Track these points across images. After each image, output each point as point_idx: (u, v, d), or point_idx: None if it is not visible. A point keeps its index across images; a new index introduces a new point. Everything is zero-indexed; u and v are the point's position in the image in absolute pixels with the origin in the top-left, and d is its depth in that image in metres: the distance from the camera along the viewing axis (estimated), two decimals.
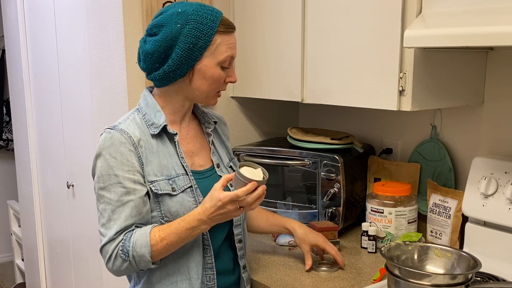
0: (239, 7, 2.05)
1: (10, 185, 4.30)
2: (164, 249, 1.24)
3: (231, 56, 1.30)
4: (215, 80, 1.30)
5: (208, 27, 1.25)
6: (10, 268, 4.18)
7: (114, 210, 1.24)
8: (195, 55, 1.26)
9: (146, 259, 1.23)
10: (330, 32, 1.68)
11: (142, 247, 1.22)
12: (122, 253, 1.23)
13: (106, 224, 1.25)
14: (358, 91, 1.61)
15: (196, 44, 1.25)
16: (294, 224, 1.60)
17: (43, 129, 2.76)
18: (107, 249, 1.24)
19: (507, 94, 1.64)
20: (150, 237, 1.23)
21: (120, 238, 1.24)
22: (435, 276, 1.22)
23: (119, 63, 1.91)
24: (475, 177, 1.61)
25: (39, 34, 2.64)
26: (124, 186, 1.24)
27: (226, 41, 1.28)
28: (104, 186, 1.25)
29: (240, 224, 1.42)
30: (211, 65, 1.28)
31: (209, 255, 1.33)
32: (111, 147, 1.24)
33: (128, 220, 1.24)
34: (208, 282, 1.34)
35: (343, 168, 1.80)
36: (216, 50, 1.27)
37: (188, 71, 1.28)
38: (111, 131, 1.26)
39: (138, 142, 1.27)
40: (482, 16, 1.25)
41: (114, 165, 1.24)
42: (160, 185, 1.27)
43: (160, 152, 1.30)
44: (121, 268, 1.25)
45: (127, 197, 1.24)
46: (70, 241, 2.57)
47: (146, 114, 1.32)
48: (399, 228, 1.73)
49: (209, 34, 1.25)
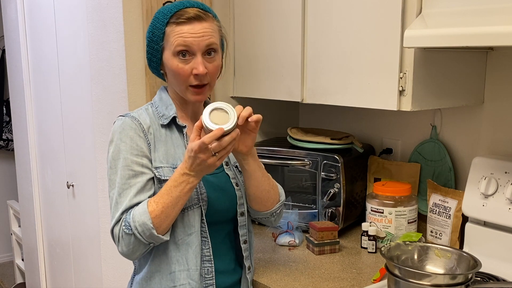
0: (239, 7, 2.05)
1: (10, 185, 4.30)
2: (163, 213, 1.24)
3: (182, 45, 1.28)
4: (175, 71, 1.31)
5: (160, 20, 1.32)
6: (10, 268, 4.18)
7: (121, 193, 1.28)
8: (154, 48, 1.34)
9: (149, 226, 1.23)
10: (330, 32, 1.68)
11: (141, 215, 1.23)
12: (125, 228, 1.25)
13: (113, 208, 1.28)
14: (358, 91, 1.61)
15: (152, 38, 1.34)
16: None
17: (43, 129, 2.76)
18: (115, 231, 1.27)
19: (507, 94, 1.64)
20: (147, 205, 1.25)
21: (122, 217, 1.27)
22: (435, 276, 1.22)
23: (119, 63, 1.92)
24: (475, 177, 1.61)
25: (39, 34, 2.64)
26: (132, 169, 1.28)
27: (176, 31, 1.29)
28: (114, 170, 1.29)
29: (245, 225, 1.42)
30: (169, 56, 1.32)
31: (207, 247, 1.34)
32: (122, 132, 1.30)
33: (132, 200, 1.27)
34: (207, 274, 1.34)
35: (343, 168, 1.80)
36: (168, 41, 1.31)
37: (159, 64, 1.36)
38: (123, 117, 1.33)
39: (148, 129, 1.32)
40: (482, 16, 1.25)
41: (124, 148, 1.29)
42: (164, 171, 1.31)
43: (168, 142, 1.34)
44: (130, 246, 1.25)
45: (134, 180, 1.28)
46: (70, 241, 2.57)
47: (158, 107, 1.38)
48: (399, 228, 1.73)
49: (159, 28, 1.31)
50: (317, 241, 1.71)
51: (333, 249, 1.73)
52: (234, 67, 2.12)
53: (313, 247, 1.72)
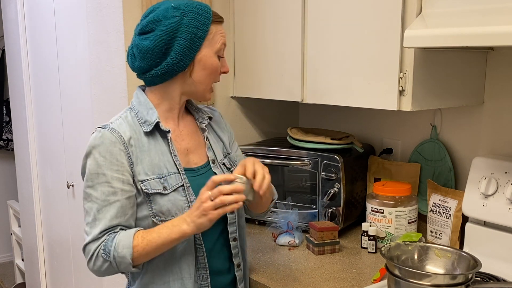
0: (239, 7, 2.05)
1: (10, 185, 4.30)
2: (144, 250, 1.22)
3: (224, 44, 1.34)
4: (214, 69, 1.32)
5: (205, 17, 1.28)
6: (10, 268, 4.18)
7: (100, 209, 1.23)
8: (196, 45, 1.28)
9: (127, 261, 1.22)
10: (330, 32, 1.69)
11: (124, 248, 1.21)
12: (104, 253, 1.22)
13: (91, 223, 1.24)
14: (358, 91, 1.61)
15: (196, 34, 1.27)
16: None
17: (43, 129, 2.76)
18: (90, 248, 1.24)
19: (507, 94, 1.64)
20: (133, 238, 1.22)
21: (103, 238, 1.23)
22: (435, 276, 1.22)
23: (119, 63, 1.92)
24: (475, 177, 1.61)
25: (39, 34, 2.64)
26: (112, 186, 1.23)
27: (220, 30, 1.32)
28: (92, 185, 1.24)
29: (235, 222, 1.41)
30: (210, 54, 1.30)
31: (201, 254, 1.33)
32: (101, 146, 1.24)
33: (113, 220, 1.24)
34: (202, 281, 1.33)
35: (343, 168, 1.80)
36: (213, 39, 1.30)
37: (189, 63, 1.29)
38: (102, 130, 1.26)
39: (129, 141, 1.26)
40: (482, 16, 1.25)
41: (103, 164, 1.23)
42: (150, 184, 1.26)
43: (151, 151, 1.29)
44: (102, 269, 1.25)
45: (114, 197, 1.23)
46: (70, 241, 2.57)
47: (139, 112, 1.31)
48: (399, 228, 1.73)
49: (207, 24, 1.28)
50: (317, 241, 1.71)
51: (333, 249, 1.72)
52: (234, 67, 2.12)
53: (313, 247, 1.72)
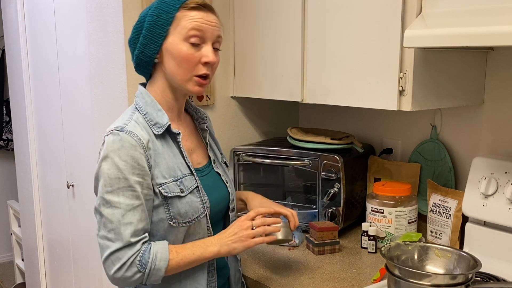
0: (239, 7, 2.05)
1: (10, 185, 4.30)
2: (178, 265, 1.24)
3: (196, 30, 1.24)
4: (183, 58, 1.24)
5: (170, 5, 1.24)
6: (10, 268, 4.18)
7: (125, 214, 1.19)
8: (158, 33, 1.24)
9: (161, 274, 1.21)
10: (330, 32, 1.68)
11: (161, 260, 1.21)
12: (139, 264, 1.19)
13: (115, 230, 1.19)
14: (358, 91, 1.61)
15: (157, 21, 1.24)
16: (248, 194, 1.55)
17: (43, 129, 2.76)
18: (121, 255, 1.19)
19: (507, 94, 1.64)
20: (169, 251, 1.22)
21: (139, 247, 1.20)
22: (435, 276, 1.22)
23: (119, 63, 1.91)
24: (475, 177, 1.61)
25: (39, 34, 2.64)
26: (135, 190, 1.20)
27: (191, 15, 1.24)
28: (112, 190, 1.19)
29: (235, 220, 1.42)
30: (177, 41, 1.24)
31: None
32: (121, 149, 1.19)
33: (139, 224, 1.21)
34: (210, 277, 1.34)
35: (343, 168, 1.80)
36: (179, 25, 1.24)
37: (156, 52, 1.26)
38: (120, 133, 1.21)
39: (147, 145, 1.22)
40: (482, 16, 1.25)
41: (125, 168, 1.19)
42: (169, 187, 1.24)
43: (165, 153, 1.27)
44: (131, 279, 1.20)
45: (137, 201, 1.20)
46: (70, 241, 2.57)
47: (148, 114, 1.28)
48: (399, 228, 1.73)
49: (170, 11, 1.24)
50: (317, 241, 1.71)
51: (333, 249, 1.72)
52: (234, 67, 2.12)
53: (313, 247, 1.72)
